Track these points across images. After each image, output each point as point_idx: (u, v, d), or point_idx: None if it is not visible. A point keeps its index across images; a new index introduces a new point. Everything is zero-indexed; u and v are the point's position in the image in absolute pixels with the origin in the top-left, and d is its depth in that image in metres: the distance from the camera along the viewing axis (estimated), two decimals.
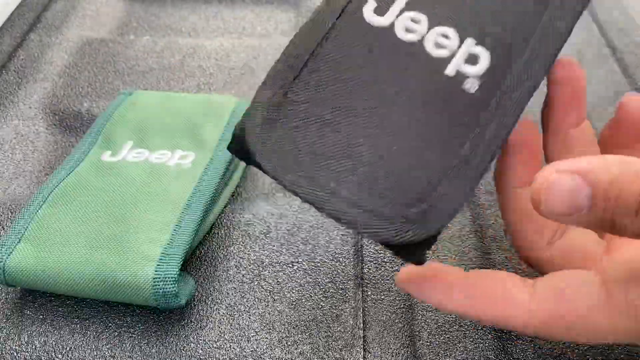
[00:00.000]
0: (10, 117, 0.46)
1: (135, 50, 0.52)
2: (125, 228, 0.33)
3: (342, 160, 0.24)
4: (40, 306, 0.33)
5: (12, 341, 0.32)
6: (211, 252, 0.36)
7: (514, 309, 0.23)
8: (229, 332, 0.32)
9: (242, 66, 0.50)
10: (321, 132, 0.24)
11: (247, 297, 0.34)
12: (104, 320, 0.32)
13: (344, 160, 0.24)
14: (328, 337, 0.32)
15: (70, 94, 0.47)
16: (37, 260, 0.32)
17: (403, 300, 0.33)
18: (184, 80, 0.48)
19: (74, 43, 0.53)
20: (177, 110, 0.41)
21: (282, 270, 0.35)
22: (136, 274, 0.31)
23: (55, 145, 0.44)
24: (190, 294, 0.32)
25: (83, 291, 0.32)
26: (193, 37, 0.54)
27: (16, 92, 0.48)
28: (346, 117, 0.24)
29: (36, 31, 0.54)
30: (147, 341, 0.32)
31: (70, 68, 0.50)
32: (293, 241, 0.36)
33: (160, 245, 0.32)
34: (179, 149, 0.39)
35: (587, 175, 0.21)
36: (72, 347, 0.31)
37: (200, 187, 0.36)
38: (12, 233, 0.33)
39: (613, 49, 0.52)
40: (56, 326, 0.32)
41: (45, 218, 0.34)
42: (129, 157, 0.38)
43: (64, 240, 0.33)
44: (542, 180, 0.22)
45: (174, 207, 0.35)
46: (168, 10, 0.58)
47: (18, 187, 0.40)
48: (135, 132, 0.40)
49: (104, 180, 0.36)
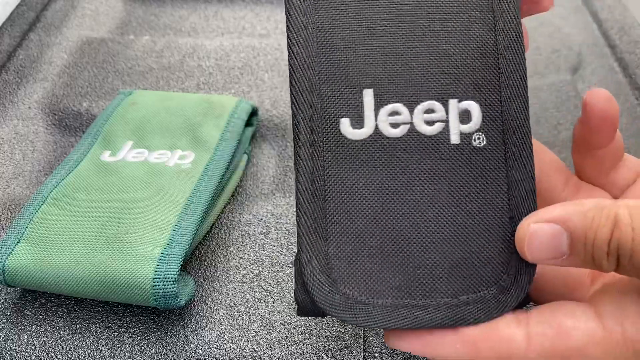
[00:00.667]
0: (10, 116, 0.46)
1: (135, 50, 0.52)
2: (125, 228, 0.33)
3: (415, 275, 0.24)
4: (40, 306, 0.33)
5: (11, 341, 0.31)
6: (211, 252, 0.36)
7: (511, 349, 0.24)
8: (228, 332, 0.32)
9: (242, 66, 0.50)
10: (375, 263, 0.25)
11: (247, 297, 0.33)
12: (104, 321, 0.32)
13: (416, 272, 0.24)
14: (328, 338, 0.32)
15: (70, 93, 0.47)
16: (36, 260, 0.32)
17: None
18: (184, 80, 0.48)
19: (73, 43, 0.53)
20: (177, 110, 0.41)
21: (282, 270, 0.35)
22: (136, 274, 0.31)
23: (55, 145, 0.44)
24: (190, 294, 0.32)
25: (83, 291, 0.32)
26: (193, 37, 0.54)
27: (16, 91, 0.48)
28: (390, 240, 0.25)
29: (36, 31, 0.54)
30: (147, 341, 0.31)
31: (69, 68, 0.50)
32: (293, 241, 0.36)
33: (160, 245, 0.32)
34: (179, 149, 0.39)
35: (565, 222, 0.22)
36: (72, 347, 0.31)
37: (200, 187, 0.36)
38: (12, 233, 0.33)
39: (613, 49, 0.52)
40: (56, 326, 0.32)
41: (45, 218, 0.34)
42: (129, 157, 0.38)
43: (63, 240, 0.33)
44: (524, 231, 0.23)
45: (174, 207, 0.35)
46: (168, 10, 0.58)
47: (17, 187, 0.40)
48: (134, 132, 0.40)
49: (104, 180, 0.36)
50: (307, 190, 0.25)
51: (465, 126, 0.25)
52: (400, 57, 0.25)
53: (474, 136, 0.25)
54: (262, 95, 0.47)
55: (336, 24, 0.25)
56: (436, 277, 0.24)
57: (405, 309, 0.24)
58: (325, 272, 0.24)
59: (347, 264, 0.24)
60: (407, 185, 0.25)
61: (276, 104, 0.46)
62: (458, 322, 0.24)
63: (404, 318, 0.24)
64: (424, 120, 0.25)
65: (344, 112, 0.25)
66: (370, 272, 0.24)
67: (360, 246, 0.25)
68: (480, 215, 0.24)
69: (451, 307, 0.24)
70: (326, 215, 0.25)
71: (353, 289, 0.24)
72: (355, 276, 0.24)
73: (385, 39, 0.25)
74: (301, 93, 0.25)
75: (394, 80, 0.25)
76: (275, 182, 0.41)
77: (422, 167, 0.25)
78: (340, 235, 0.25)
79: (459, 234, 0.24)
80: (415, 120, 0.25)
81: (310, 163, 0.25)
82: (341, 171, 0.25)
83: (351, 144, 0.25)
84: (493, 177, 0.25)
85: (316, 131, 0.25)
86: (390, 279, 0.24)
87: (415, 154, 0.25)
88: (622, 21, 0.54)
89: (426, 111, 0.25)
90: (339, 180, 0.25)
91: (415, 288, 0.24)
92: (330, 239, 0.25)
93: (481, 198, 0.25)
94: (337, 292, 0.24)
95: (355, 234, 0.25)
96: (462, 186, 0.25)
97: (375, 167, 0.25)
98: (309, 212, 0.25)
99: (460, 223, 0.24)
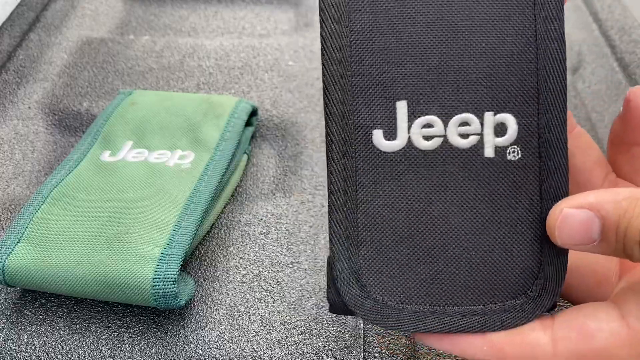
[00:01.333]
0: (10, 117, 0.46)
1: (135, 50, 0.52)
2: (125, 228, 0.33)
3: (446, 283, 0.25)
4: (39, 306, 0.33)
5: (11, 341, 0.31)
6: (211, 252, 0.36)
7: (537, 354, 0.24)
8: (228, 332, 0.32)
9: (242, 66, 0.50)
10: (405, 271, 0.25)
11: (247, 297, 0.33)
12: (104, 321, 0.32)
13: (447, 280, 0.25)
14: (328, 338, 0.32)
15: (70, 93, 0.47)
16: (36, 260, 0.32)
17: None
18: (184, 80, 0.48)
19: (73, 43, 0.53)
20: (177, 110, 0.41)
21: (282, 270, 0.35)
22: (136, 274, 0.31)
23: (55, 145, 0.44)
24: (189, 294, 0.32)
25: (82, 291, 0.32)
26: (193, 37, 0.54)
27: (15, 91, 0.48)
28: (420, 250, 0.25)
29: (36, 31, 0.54)
30: (146, 341, 0.31)
31: (69, 68, 0.50)
32: (293, 241, 0.36)
33: (160, 245, 0.32)
34: (179, 149, 0.39)
35: (598, 209, 0.23)
36: (72, 348, 0.31)
37: (200, 187, 0.36)
38: (12, 233, 0.33)
39: (613, 49, 0.52)
40: (56, 326, 0.32)
41: (45, 218, 0.34)
42: (129, 157, 0.38)
43: (63, 240, 0.33)
44: (556, 214, 0.23)
45: (174, 207, 0.35)
46: (168, 10, 0.58)
47: (17, 187, 0.40)
48: (134, 132, 0.40)
49: (104, 180, 0.36)
50: (340, 200, 0.25)
51: (500, 139, 0.24)
52: (435, 68, 0.24)
53: (508, 149, 0.24)
54: (262, 95, 0.47)
55: (370, 32, 0.25)
56: (465, 286, 0.25)
57: (434, 316, 0.25)
58: (356, 278, 0.25)
59: (377, 271, 0.25)
60: (438, 198, 0.25)
61: (276, 104, 0.46)
62: (485, 329, 0.24)
63: (432, 324, 0.25)
64: (458, 133, 0.25)
65: (376, 123, 0.25)
66: (400, 279, 0.25)
67: (390, 255, 0.25)
68: (511, 228, 0.25)
69: (479, 314, 0.25)
70: (357, 224, 0.25)
71: (384, 294, 0.25)
72: (385, 283, 0.25)
73: (420, 48, 0.24)
74: (334, 103, 0.25)
75: (428, 92, 0.25)
76: (275, 182, 0.41)
77: (455, 180, 0.25)
78: (371, 243, 0.25)
79: (489, 246, 0.25)
80: (449, 133, 0.25)
81: (342, 173, 0.25)
82: (373, 182, 0.25)
83: (383, 155, 0.25)
84: (526, 190, 0.25)
85: (349, 142, 0.25)
86: (420, 286, 0.25)
87: (448, 167, 0.25)
88: (622, 21, 0.54)
89: (461, 124, 0.25)
90: (370, 191, 0.25)
91: (445, 296, 0.25)
92: (361, 247, 0.25)
93: (513, 211, 0.25)
94: (368, 298, 0.25)
95: (385, 243, 0.25)
96: (494, 199, 0.25)
97: (407, 179, 0.25)
98: (340, 219, 0.25)
99: (490, 235, 0.25)
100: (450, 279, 0.25)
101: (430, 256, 0.25)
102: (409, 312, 0.25)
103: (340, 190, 0.25)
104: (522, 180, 0.25)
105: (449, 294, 0.25)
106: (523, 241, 0.25)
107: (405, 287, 0.25)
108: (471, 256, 0.25)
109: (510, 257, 0.25)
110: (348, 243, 0.25)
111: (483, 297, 0.25)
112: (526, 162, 0.24)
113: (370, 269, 0.25)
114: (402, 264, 0.25)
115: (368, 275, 0.25)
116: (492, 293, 0.25)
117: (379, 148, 0.25)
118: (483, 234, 0.25)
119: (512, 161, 0.25)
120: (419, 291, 0.25)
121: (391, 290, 0.25)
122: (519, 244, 0.25)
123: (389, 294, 0.25)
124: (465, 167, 0.25)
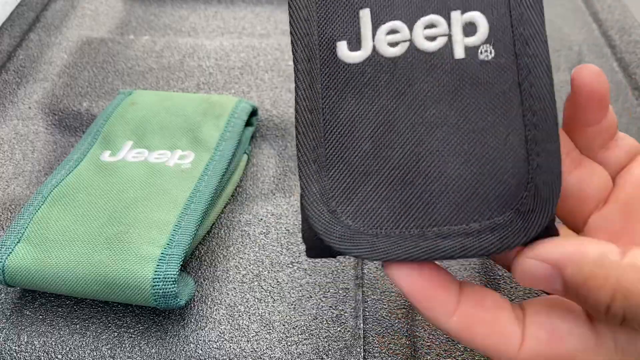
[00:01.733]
0: (10, 117, 0.46)
1: (135, 50, 0.52)
2: (125, 228, 0.33)
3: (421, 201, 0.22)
4: (39, 306, 0.33)
5: (11, 341, 0.31)
6: (211, 252, 0.36)
7: (505, 345, 0.23)
8: (228, 332, 0.32)
9: (241, 66, 0.50)
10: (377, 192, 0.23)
11: (247, 297, 0.33)
12: (104, 321, 0.32)
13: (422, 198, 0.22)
14: (328, 338, 0.32)
15: (70, 93, 0.47)
16: (36, 260, 0.32)
17: (403, 300, 0.33)
18: (184, 80, 0.48)
19: (73, 43, 0.53)
20: (177, 110, 0.41)
21: (282, 271, 0.35)
22: (135, 274, 0.31)
23: (55, 145, 0.44)
24: (189, 294, 0.32)
25: (82, 291, 0.32)
26: (193, 37, 0.54)
27: (15, 91, 0.48)
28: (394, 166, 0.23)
29: (36, 31, 0.54)
30: (146, 341, 0.31)
31: (69, 68, 0.50)
32: (293, 241, 0.36)
33: (160, 245, 0.32)
34: (179, 149, 0.39)
35: (560, 269, 0.22)
36: (72, 348, 0.31)
37: (200, 187, 0.36)
38: (12, 233, 0.33)
39: (613, 49, 0.52)
40: (56, 326, 0.32)
41: (45, 218, 0.34)
42: (129, 157, 0.38)
43: (63, 240, 0.33)
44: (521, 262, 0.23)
45: (174, 207, 0.35)
46: (167, 10, 0.58)
47: (17, 187, 0.40)
48: (134, 132, 0.40)
49: (104, 180, 0.36)
50: (306, 120, 0.24)
51: (470, 39, 0.23)
52: None
53: (480, 49, 0.23)
54: (262, 95, 0.47)
55: None
56: (444, 204, 0.22)
57: (411, 239, 0.22)
58: (325, 202, 0.23)
59: (348, 193, 0.23)
60: (409, 107, 0.23)
61: (276, 104, 0.46)
62: (467, 253, 0.22)
63: (409, 249, 0.22)
64: (424, 36, 0.23)
65: (340, 35, 0.24)
66: (372, 200, 0.23)
67: (361, 174, 0.23)
68: (490, 134, 0.22)
69: (461, 235, 0.22)
70: (326, 143, 0.23)
71: (355, 219, 0.23)
72: (357, 205, 0.23)
73: None
74: (298, 22, 0.24)
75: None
76: (275, 182, 0.41)
77: (425, 86, 0.23)
78: (341, 163, 0.23)
79: (469, 156, 0.22)
80: (414, 37, 0.23)
81: (308, 92, 0.24)
82: (339, 97, 0.24)
83: (348, 67, 0.24)
84: (503, 92, 0.22)
85: (313, 59, 0.24)
86: (395, 207, 0.22)
87: (416, 72, 0.23)
88: (622, 21, 0.54)
89: (427, 26, 0.23)
90: (337, 107, 0.24)
91: (421, 217, 0.22)
92: (329, 169, 0.23)
93: (490, 115, 0.22)
94: (338, 223, 0.23)
95: (356, 162, 0.23)
96: (469, 104, 0.22)
97: (375, 89, 0.23)
98: (307, 141, 0.23)
99: (469, 143, 0.22)
100: (426, 197, 0.22)
101: (402, 173, 0.23)
102: (382, 237, 0.22)
103: (306, 109, 0.24)
104: (498, 81, 0.22)
105: (426, 215, 0.22)
106: (505, 147, 0.22)
107: (378, 210, 0.23)
108: (448, 170, 0.22)
109: (492, 167, 0.22)
110: (316, 165, 0.23)
111: (465, 215, 0.22)
112: (500, 61, 0.22)
113: (340, 192, 0.23)
114: (373, 184, 0.23)
115: (337, 198, 0.23)
116: (475, 210, 0.22)
117: (344, 60, 0.24)
118: (459, 144, 0.22)
119: (485, 61, 0.22)
120: (392, 213, 0.22)
121: (362, 214, 0.23)
122: (500, 151, 0.22)
123: (360, 218, 0.23)
124: (435, 71, 0.23)
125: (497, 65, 0.22)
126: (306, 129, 0.24)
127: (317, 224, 0.23)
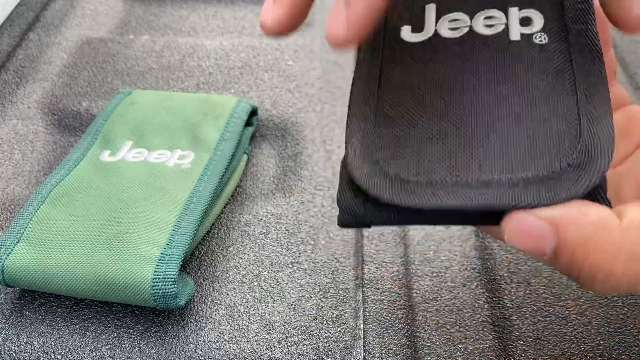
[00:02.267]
0: (9, 116, 0.46)
1: (135, 49, 0.51)
2: (124, 228, 0.33)
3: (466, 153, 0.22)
4: (39, 307, 0.33)
5: (11, 342, 0.31)
6: (211, 252, 0.36)
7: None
8: (228, 332, 0.32)
9: (241, 66, 0.50)
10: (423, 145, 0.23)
11: (247, 297, 0.33)
12: (103, 321, 0.32)
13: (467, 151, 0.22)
14: (328, 338, 0.32)
15: (69, 93, 0.47)
16: (36, 260, 0.32)
17: (403, 300, 0.33)
18: (184, 80, 0.48)
19: (73, 42, 0.53)
20: (177, 109, 0.41)
21: (282, 271, 0.35)
22: (135, 274, 0.31)
23: (54, 145, 0.44)
24: (189, 294, 0.32)
25: (82, 291, 0.32)
26: (192, 37, 0.54)
27: (15, 91, 0.48)
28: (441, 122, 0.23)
29: (35, 31, 0.54)
30: (146, 342, 0.31)
31: (69, 67, 0.50)
32: (293, 241, 0.36)
33: (160, 245, 0.32)
34: (178, 149, 0.39)
35: (559, 228, 0.20)
36: (72, 348, 0.31)
37: (200, 187, 0.36)
38: (11, 233, 0.33)
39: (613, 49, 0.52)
40: (55, 327, 0.32)
41: (44, 218, 0.34)
42: (128, 157, 0.38)
43: (62, 241, 0.32)
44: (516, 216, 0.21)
45: (173, 207, 0.34)
46: (167, 9, 0.58)
47: (17, 187, 0.40)
48: (134, 132, 0.40)
49: (103, 180, 0.36)
50: (362, 78, 0.26)
51: (525, 28, 0.25)
52: None
53: (534, 35, 0.25)
54: (262, 95, 0.47)
55: None
56: (491, 155, 0.22)
57: (455, 187, 0.22)
58: (369, 153, 0.23)
59: (393, 145, 0.23)
60: (463, 73, 0.24)
61: (276, 104, 0.46)
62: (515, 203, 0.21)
63: (452, 197, 0.21)
64: (483, 24, 0.25)
65: (405, 21, 0.26)
66: (417, 153, 0.23)
67: (409, 127, 0.23)
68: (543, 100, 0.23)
69: (506, 185, 0.21)
70: (378, 101, 0.25)
71: (397, 168, 0.22)
72: (400, 157, 0.23)
73: None
74: None
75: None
76: (275, 182, 0.41)
77: (479, 57, 0.25)
78: (390, 118, 0.24)
79: (519, 115, 0.23)
80: (474, 23, 0.26)
81: (369, 56, 0.26)
82: (397, 63, 0.26)
83: (409, 44, 0.26)
84: (556, 68, 0.24)
85: (378, 38, 0.26)
86: (439, 158, 0.22)
87: (473, 48, 0.25)
88: None
89: (486, 17, 0.26)
90: (394, 70, 0.25)
91: (467, 166, 0.22)
92: (378, 125, 0.24)
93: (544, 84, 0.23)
94: (379, 173, 0.22)
95: (405, 117, 0.24)
96: (521, 74, 0.24)
97: (431, 60, 0.25)
98: (360, 97, 0.25)
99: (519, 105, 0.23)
100: (473, 149, 0.22)
101: (451, 129, 0.23)
102: (425, 185, 0.22)
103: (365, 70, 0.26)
104: (551, 59, 0.24)
105: (472, 164, 0.22)
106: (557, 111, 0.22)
107: (422, 160, 0.22)
108: (498, 127, 0.22)
109: (545, 126, 0.22)
110: (366, 120, 0.24)
111: (512, 165, 0.21)
112: (554, 45, 0.24)
113: (386, 145, 0.23)
114: (422, 138, 0.23)
115: (383, 151, 0.23)
116: (524, 160, 0.21)
117: (405, 39, 0.26)
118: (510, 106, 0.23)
119: (538, 43, 0.25)
120: (437, 162, 0.22)
121: (405, 163, 0.22)
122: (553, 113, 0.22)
123: (403, 167, 0.22)
124: (490, 47, 0.25)
125: (550, 47, 0.24)
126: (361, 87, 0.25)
127: (357, 173, 0.23)
